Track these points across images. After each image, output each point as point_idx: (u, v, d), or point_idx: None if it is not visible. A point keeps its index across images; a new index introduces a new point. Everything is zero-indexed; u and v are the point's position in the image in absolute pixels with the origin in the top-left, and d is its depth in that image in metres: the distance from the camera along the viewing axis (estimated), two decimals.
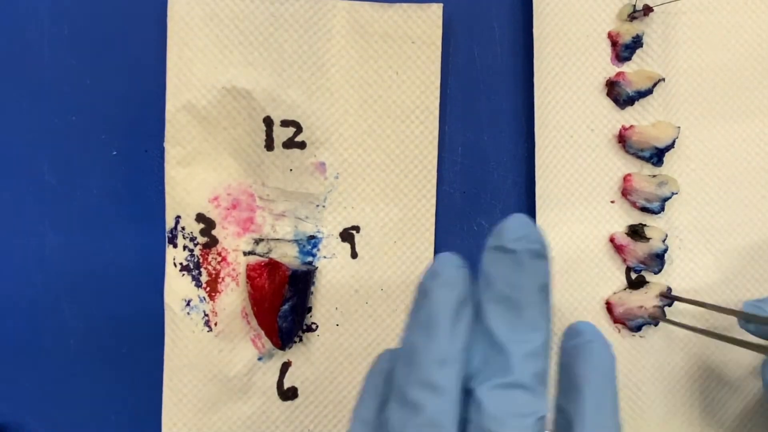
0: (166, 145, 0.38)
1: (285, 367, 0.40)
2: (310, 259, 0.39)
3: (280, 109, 0.38)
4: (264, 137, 0.39)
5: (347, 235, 0.40)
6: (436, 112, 0.39)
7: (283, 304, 0.37)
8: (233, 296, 0.39)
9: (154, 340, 0.39)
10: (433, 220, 0.40)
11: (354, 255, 0.40)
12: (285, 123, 0.39)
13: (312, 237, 0.39)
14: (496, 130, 0.40)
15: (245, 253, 0.39)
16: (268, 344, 0.39)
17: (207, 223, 0.39)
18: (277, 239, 0.39)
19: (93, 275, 0.40)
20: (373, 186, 0.40)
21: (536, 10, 0.39)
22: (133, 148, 0.39)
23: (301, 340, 0.40)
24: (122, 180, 0.39)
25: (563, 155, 0.40)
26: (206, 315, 0.39)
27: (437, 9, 0.39)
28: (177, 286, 0.39)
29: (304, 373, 0.40)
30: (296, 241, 0.39)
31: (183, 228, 0.39)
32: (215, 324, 0.39)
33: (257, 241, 0.39)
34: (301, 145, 0.39)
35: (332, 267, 0.40)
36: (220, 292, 0.39)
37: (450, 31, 0.40)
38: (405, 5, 0.39)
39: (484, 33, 0.40)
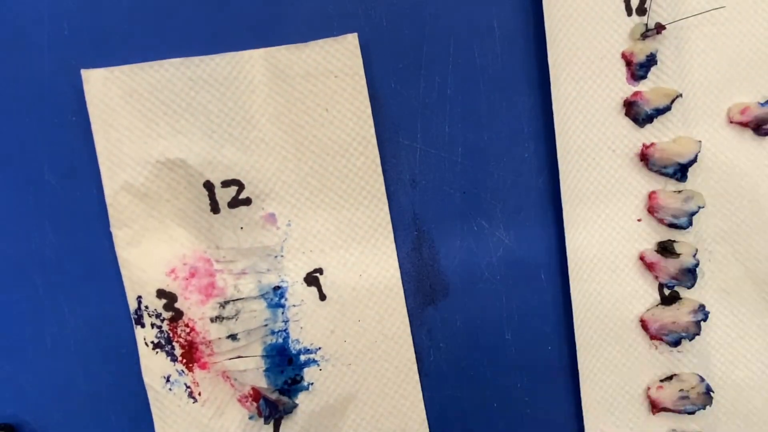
0: (113, 229, 0.38)
1: (278, 422, 0.39)
2: (280, 310, 0.39)
3: (218, 170, 0.38)
4: (208, 201, 0.38)
5: (312, 279, 0.39)
6: (374, 141, 0.39)
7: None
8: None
9: None
10: (393, 246, 0.40)
11: (322, 297, 0.39)
12: (225, 183, 0.38)
13: (277, 288, 0.39)
14: (496, 130, 0.40)
15: (212, 320, 0.39)
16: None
17: (168, 298, 0.38)
18: (243, 299, 0.39)
19: (93, 275, 0.39)
20: (328, 225, 0.39)
21: (549, 37, 0.38)
22: None
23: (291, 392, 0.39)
24: None
25: (587, 178, 0.40)
26: (188, 387, 0.39)
27: (353, 39, 0.38)
28: (153, 365, 0.39)
29: (298, 423, 0.39)
30: (262, 296, 0.39)
31: (146, 306, 0.38)
32: (199, 394, 0.39)
33: (222, 305, 0.39)
34: (247, 202, 0.38)
35: (303, 313, 0.39)
36: (196, 362, 0.39)
37: (452, 32, 0.39)
38: (320, 41, 0.38)
39: (484, 33, 0.40)
